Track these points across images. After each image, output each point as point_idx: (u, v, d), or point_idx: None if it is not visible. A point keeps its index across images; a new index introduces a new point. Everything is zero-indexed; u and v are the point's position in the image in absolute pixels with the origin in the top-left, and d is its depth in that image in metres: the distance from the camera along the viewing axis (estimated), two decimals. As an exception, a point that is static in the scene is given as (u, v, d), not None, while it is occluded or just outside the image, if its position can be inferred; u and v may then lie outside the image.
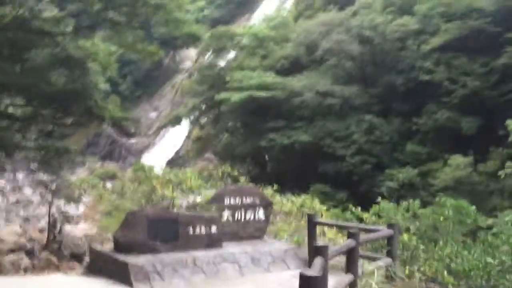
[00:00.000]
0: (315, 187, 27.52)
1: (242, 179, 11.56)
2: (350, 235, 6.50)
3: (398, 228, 7.39)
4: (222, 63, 40.35)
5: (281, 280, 7.99)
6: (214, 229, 9.00)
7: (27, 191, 29.88)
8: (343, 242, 9.58)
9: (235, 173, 12.25)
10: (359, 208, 11.03)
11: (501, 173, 21.10)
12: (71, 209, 26.65)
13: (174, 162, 48.57)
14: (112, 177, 42.06)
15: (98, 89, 18.65)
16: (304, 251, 9.35)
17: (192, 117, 44.32)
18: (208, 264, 8.16)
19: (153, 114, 62.51)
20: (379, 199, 11.10)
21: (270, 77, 32.58)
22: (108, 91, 32.81)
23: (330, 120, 31.25)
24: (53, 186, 21.07)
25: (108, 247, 8.89)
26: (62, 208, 27.20)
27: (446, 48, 27.72)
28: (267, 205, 10.28)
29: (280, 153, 32.46)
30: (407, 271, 7.23)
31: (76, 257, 18.93)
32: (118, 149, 54.67)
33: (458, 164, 24.74)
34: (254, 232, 10.03)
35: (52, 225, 18.73)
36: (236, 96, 31.64)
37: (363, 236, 7.07)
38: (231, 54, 41.48)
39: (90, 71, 17.10)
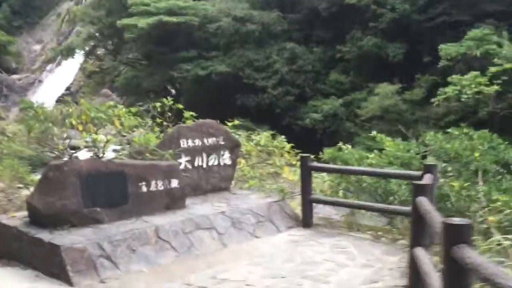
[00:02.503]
0: (234, 121, 25.44)
1: (187, 114, 8.91)
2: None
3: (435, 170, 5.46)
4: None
5: (277, 249, 5.85)
6: (174, 182, 6.45)
7: None
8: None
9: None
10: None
11: (434, 100, 20.48)
12: None
13: (64, 99, 43.60)
14: (-6, 118, 36.73)
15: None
16: (292, 205, 7.21)
17: (87, 48, 39.20)
18: (177, 235, 5.71)
19: (36, 47, 55.71)
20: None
21: (181, 0, 28.90)
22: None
23: (249, 49, 28.82)
24: None
25: (19, 216, 6.00)
26: None
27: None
28: (234, 147, 7.86)
29: (193, 85, 29.63)
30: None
31: None
32: (-1, 87, 47.95)
33: (386, 92, 23.90)
34: (220, 183, 7.63)
35: None
36: (143, 22, 27.71)
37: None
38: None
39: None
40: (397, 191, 7.35)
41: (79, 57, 42.00)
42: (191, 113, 9.22)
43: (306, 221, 6.72)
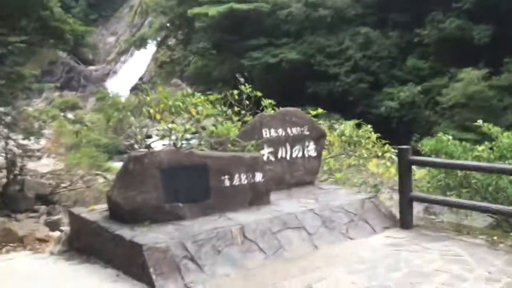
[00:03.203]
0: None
1: (266, 101, 8.33)
2: None
3: None
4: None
5: (377, 254, 5.15)
6: (259, 176, 5.92)
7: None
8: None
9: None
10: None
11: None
12: (30, 143, 23.61)
13: (138, 89, 44.62)
14: (73, 107, 38.22)
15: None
16: (387, 203, 6.46)
17: (158, 39, 39.83)
18: (264, 235, 5.18)
19: (111, 39, 57.67)
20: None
21: (252, -13, 28.43)
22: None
23: (321, 35, 27.88)
24: (8, 119, 18.04)
25: (99, 209, 5.72)
26: (20, 143, 23.79)
27: None
28: (320, 137, 7.20)
29: (263, 73, 29.05)
30: None
31: (42, 198, 15.97)
32: (76, 78, 50.27)
33: (470, 78, 22.15)
34: (305, 176, 7.02)
35: (10, 162, 15.54)
36: (213, 10, 27.55)
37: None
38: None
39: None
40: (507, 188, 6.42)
41: (151, 47, 42.84)
42: (270, 100, 8.66)
43: (405, 221, 5.96)
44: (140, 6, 55.68)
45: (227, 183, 5.72)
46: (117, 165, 21.48)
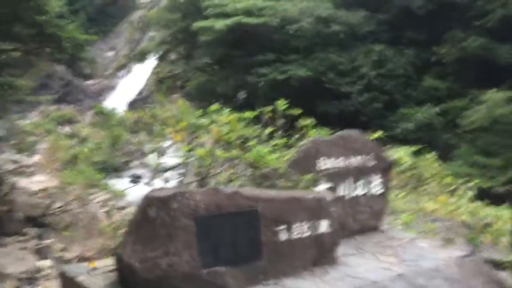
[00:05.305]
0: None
1: (305, 121, 6.79)
2: None
3: None
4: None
5: None
6: (324, 225, 4.32)
7: (-27, 136, 24.94)
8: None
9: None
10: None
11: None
12: (23, 158, 22.03)
13: (136, 104, 43.32)
14: (70, 121, 36.80)
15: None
16: (485, 263, 4.83)
17: (160, 53, 38.40)
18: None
19: (109, 54, 56.50)
20: None
21: (260, 0, 27.07)
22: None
23: (332, 52, 26.42)
24: (0, 132, 16.62)
25: (102, 267, 4.06)
26: (12, 158, 22.21)
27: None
28: (387, 168, 5.63)
29: (270, 91, 27.49)
30: None
31: (32, 220, 14.39)
32: (74, 92, 48.93)
33: (495, 100, 20.73)
34: (370, 220, 5.43)
35: None
36: (220, 24, 26.10)
37: None
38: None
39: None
40: None
41: (151, 62, 41.63)
42: (310, 120, 7.14)
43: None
44: (140, 22, 54.76)
45: (283, 235, 4.11)
46: (112, 182, 19.99)
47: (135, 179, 22.28)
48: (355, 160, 5.34)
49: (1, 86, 15.26)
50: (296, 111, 7.19)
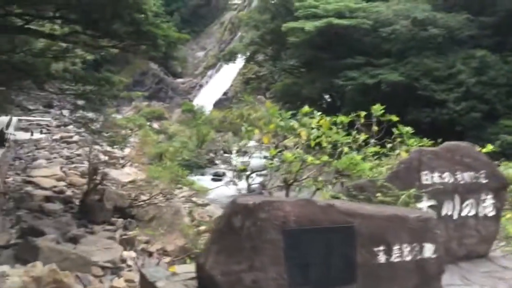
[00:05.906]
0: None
1: (403, 129, 6.17)
2: None
3: None
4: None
5: None
6: (429, 249, 3.78)
7: (72, 129, 26.75)
8: None
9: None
10: None
11: None
12: (115, 151, 23.07)
13: (220, 104, 44.13)
14: (159, 117, 38.28)
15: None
16: None
17: (247, 54, 38.71)
18: None
19: (200, 54, 58.25)
20: None
21: (353, 1, 26.25)
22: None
23: (428, 56, 25.01)
24: (96, 125, 17.46)
25: (185, 273, 3.83)
26: (105, 150, 23.31)
27: None
28: (501, 188, 4.92)
29: (357, 95, 26.60)
30: None
31: (120, 210, 14.94)
32: (164, 89, 51.24)
33: None
34: (478, 245, 4.76)
35: (92, 171, 14.70)
36: (310, 25, 25.66)
37: None
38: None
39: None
40: None
41: (238, 63, 42.16)
42: (408, 128, 6.52)
43: None
44: (231, 23, 55.85)
45: (382, 257, 3.60)
46: (195, 179, 20.30)
47: (218, 178, 22.53)
48: (464, 176, 4.69)
49: (98, 81, 15.99)
50: (394, 118, 6.57)
